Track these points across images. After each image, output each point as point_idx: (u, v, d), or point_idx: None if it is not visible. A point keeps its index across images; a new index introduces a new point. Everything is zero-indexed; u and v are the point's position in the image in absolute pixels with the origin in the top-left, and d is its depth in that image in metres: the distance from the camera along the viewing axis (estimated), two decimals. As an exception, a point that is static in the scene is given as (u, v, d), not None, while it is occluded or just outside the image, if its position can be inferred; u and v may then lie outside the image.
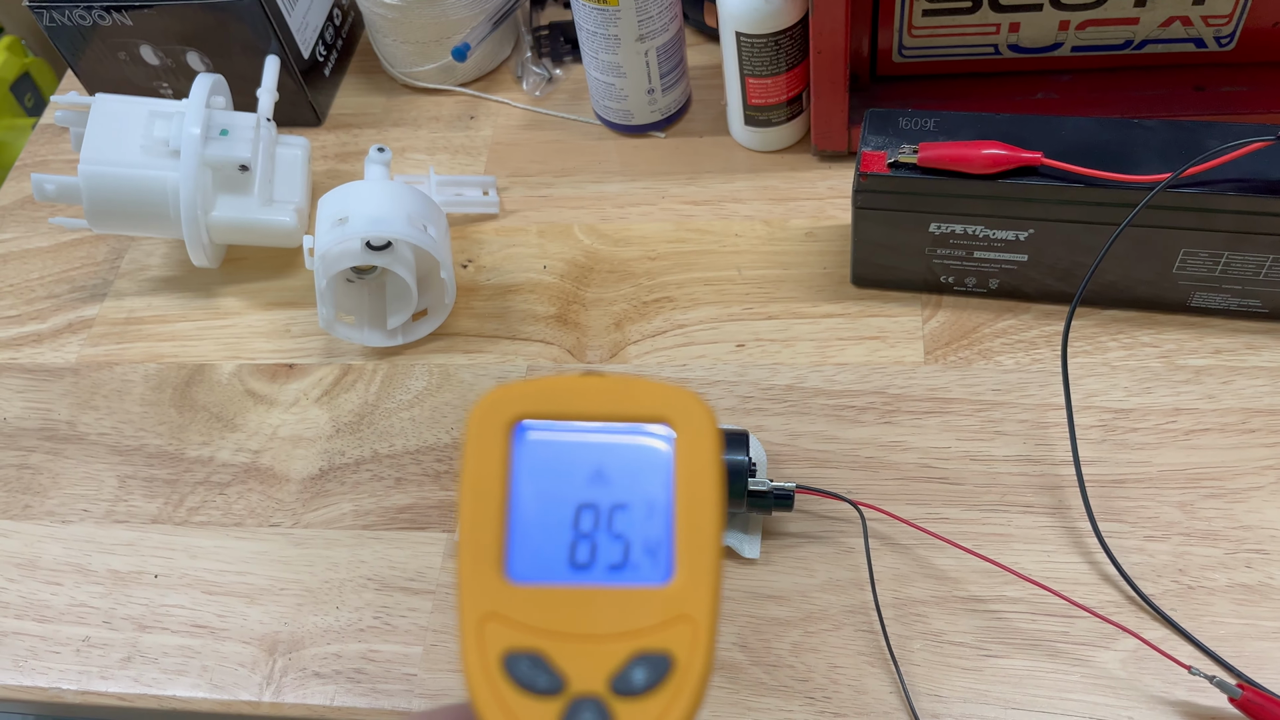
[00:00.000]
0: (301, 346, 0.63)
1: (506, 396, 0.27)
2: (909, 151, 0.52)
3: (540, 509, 0.26)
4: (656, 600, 0.25)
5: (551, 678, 0.24)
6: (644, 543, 0.26)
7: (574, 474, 0.26)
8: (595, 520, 0.26)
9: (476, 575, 0.25)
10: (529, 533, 0.26)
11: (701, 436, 0.26)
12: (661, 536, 0.26)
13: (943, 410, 0.55)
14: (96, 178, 0.59)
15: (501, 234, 0.66)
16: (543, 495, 0.26)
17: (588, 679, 0.24)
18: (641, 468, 0.26)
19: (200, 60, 0.70)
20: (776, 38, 0.60)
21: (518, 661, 0.24)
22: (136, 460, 0.59)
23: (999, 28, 0.60)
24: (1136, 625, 0.47)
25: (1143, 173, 0.49)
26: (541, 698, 0.24)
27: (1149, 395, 0.54)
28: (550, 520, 0.26)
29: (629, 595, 0.25)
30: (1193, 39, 0.60)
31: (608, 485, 0.26)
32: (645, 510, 0.26)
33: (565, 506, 0.26)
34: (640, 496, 0.26)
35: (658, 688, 0.24)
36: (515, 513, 0.26)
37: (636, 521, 0.26)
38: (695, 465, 0.26)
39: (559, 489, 0.26)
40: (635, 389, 0.27)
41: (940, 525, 0.51)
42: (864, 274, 0.59)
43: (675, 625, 0.25)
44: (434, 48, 0.71)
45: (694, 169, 0.67)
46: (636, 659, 0.24)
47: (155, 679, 0.52)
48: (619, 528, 0.26)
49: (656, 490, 0.26)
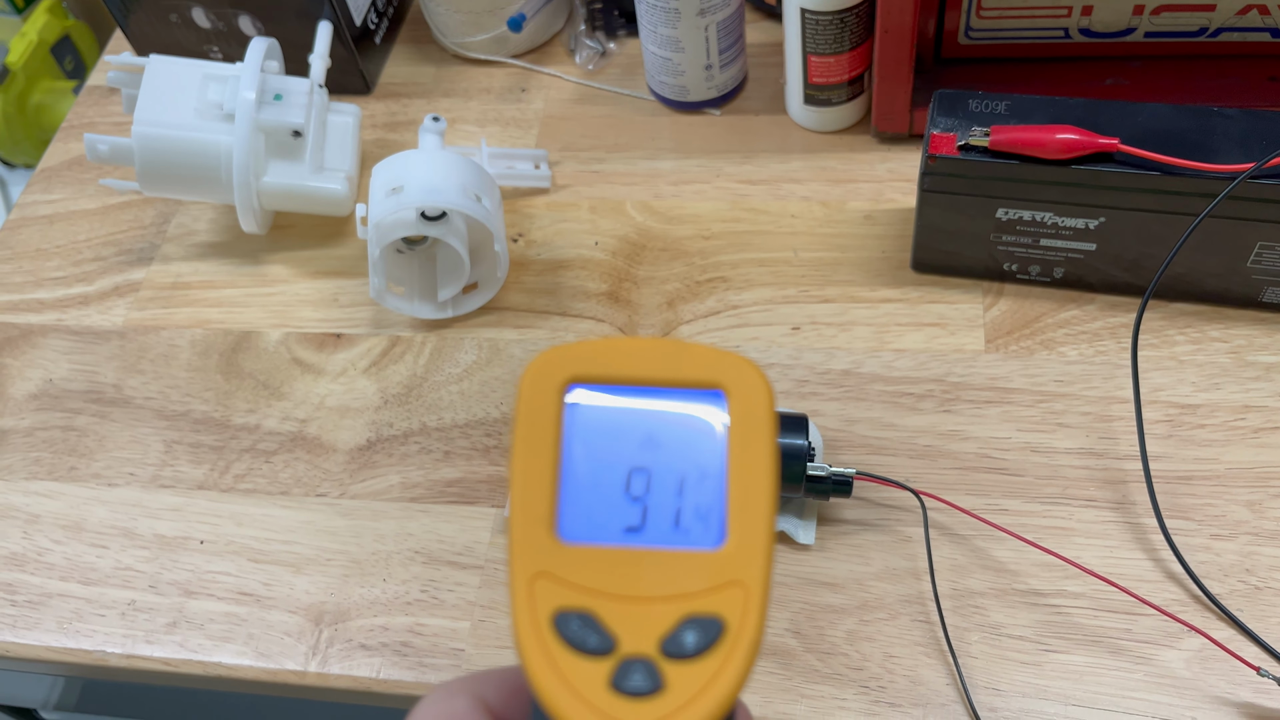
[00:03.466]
0: (349, 316, 0.62)
1: (560, 358, 0.26)
2: (980, 134, 0.51)
3: (592, 471, 0.26)
4: (708, 564, 0.25)
5: (602, 637, 0.24)
6: (696, 507, 0.25)
7: (627, 437, 0.26)
8: (647, 483, 0.26)
9: (528, 534, 0.25)
10: (580, 494, 0.26)
11: (756, 402, 0.26)
12: (714, 501, 0.25)
13: (1003, 400, 0.54)
14: (150, 139, 0.59)
15: (553, 209, 0.65)
16: (595, 457, 0.26)
17: (638, 640, 0.24)
18: (695, 432, 0.26)
19: (253, 24, 0.69)
20: (842, 15, 0.58)
21: (568, 620, 0.24)
22: (183, 425, 0.59)
23: (1071, 10, 0.59)
24: (1202, 624, 0.46)
25: (1222, 162, 0.48)
26: (592, 657, 0.24)
27: (1217, 391, 0.52)
28: (602, 482, 0.26)
29: (680, 558, 0.25)
30: (1269, 28, 0.59)
31: (660, 449, 0.26)
32: (698, 475, 0.26)
33: (617, 469, 0.26)
34: (693, 461, 0.26)
35: (709, 651, 0.24)
36: (567, 474, 0.26)
37: (689, 486, 0.26)
38: (749, 431, 0.26)
39: (611, 451, 0.26)
40: (690, 353, 0.26)
41: (999, 517, 0.50)
42: (925, 259, 0.58)
43: (727, 590, 0.24)
44: (487, 18, 0.70)
45: (749, 148, 0.66)
46: (687, 621, 0.24)
47: (200, 645, 0.51)
48: (671, 491, 0.26)
49: (710, 455, 0.26)
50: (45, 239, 0.69)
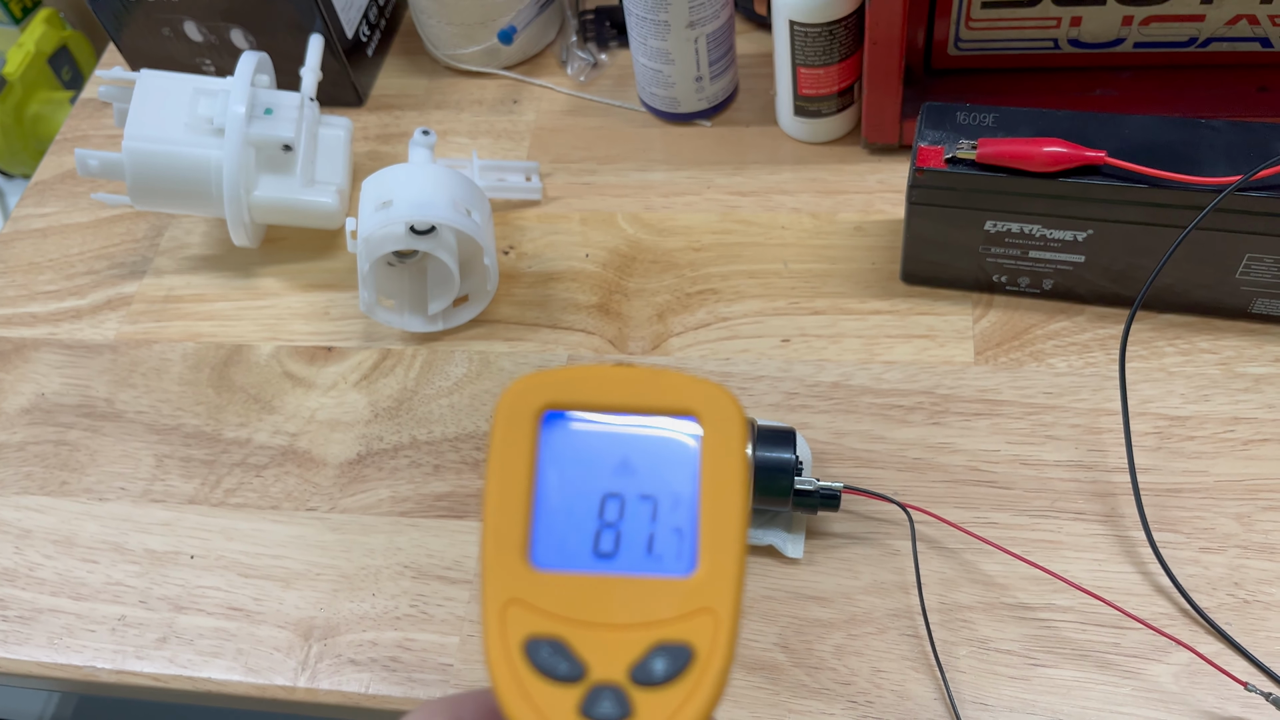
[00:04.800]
0: (340, 329, 0.62)
1: (535, 384, 0.27)
2: (967, 147, 0.51)
3: (566, 497, 0.26)
4: (679, 591, 0.25)
5: (572, 665, 0.24)
6: (668, 534, 0.26)
7: (600, 463, 0.26)
8: (620, 510, 0.26)
9: (500, 561, 0.25)
10: (554, 520, 0.26)
11: (728, 430, 0.26)
12: (685, 528, 0.26)
13: (993, 412, 0.53)
14: (140, 154, 0.59)
15: (543, 221, 0.65)
16: (568, 483, 0.26)
17: (608, 667, 0.24)
18: (668, 459, 0.26)
19: (244, 37, 0.69)
20: (831, 27, 0.58)
21: (539, 647, 0.24)
22: (174, 440, 0.59)
23: (1060, 21, 0.59)
24: (1190, 639, 0.46)
25: (1209, 175, 0.48)
26: (561, 684, 0.24)
27: (1206, 403, 0.52)
28: (575, 508, 0.26)
29: (651, 585, 0.25)
30: (1259, 38, 0.59)
31: (634, 475, 0.26)
32: (670, 502, 0.26)
33: (591, 495, 0.26)
34: (666, 488, 0.26)
35: (678, 679, 0.24)
36: (541, 500, 0.26)
37: (661, 512, 0.26)
38: (721, 458, 0.26)
39: (585, 478, 0.26)
40: (664, 380, 0.27)
41: (988, 530, 0.50)
42: (914, 271, 0.58)
43: (697, 617, 0.25)
44: (479, 30, 0.70)
45: (740, 159, 0.66)
46: (657, 649, 0.24)
47: (190, 660, 0.51)
48: (643, 518, 0.26)
49: (682, 482, 0.26)
50: (38, 252, 0.69)
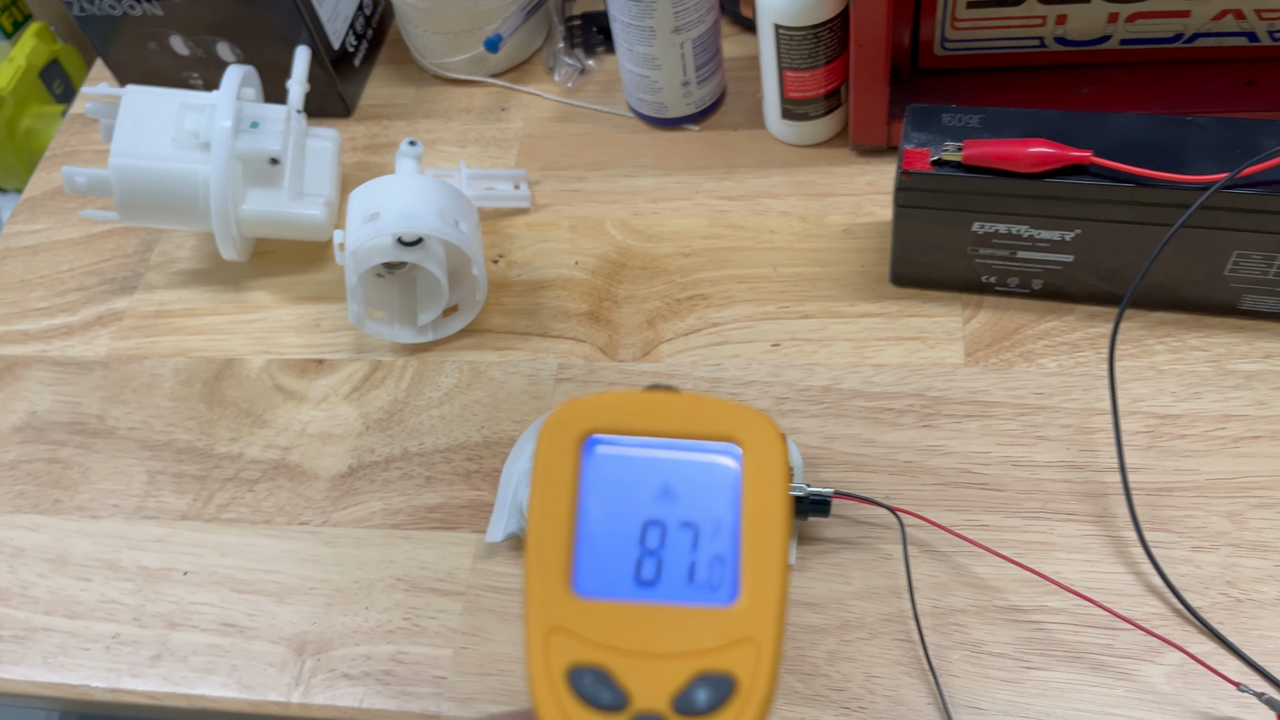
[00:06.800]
0: (331, 341, 0.62)
1: (578, 411, 0.27)
2: (953, 149, 0.51)
3: (608, 524, 0.26)
4: (721, 621, 0.25)
5: (615, 694, 0.24)
6: (709, 562, 0.26)
7: (642, 490, 0.27)
8: (661, 537, 0.26)
9: (544, 588, 0.25)
10: (596, 547, 0.26)
11: (770, 458, 0.26)
12: (727, 557, 0.26)
13: (983, 414, 0.53)
14: (127, 170, 0.59)
15: (533, 229, 0.65)
16: (611, 510, 0.26)
17: (651, 697, 0.24)
18: (709, 486, 0.26)
19: (231, 50, 0.69)
20: (816, 30, 0.58)
21: (582, 676, 0.25)
22: (166, 456, 0.59)
23: (1045, 20, 0.59)
24: (1183, 638, 0.46)
25: (1196, 172, 0.48)
26: (605, 713, 0.24)
27: (1197, 401, 0.52)
28: (617, 535, 0.26)
29: (693, 615, 0.25)
30: (1245, 33, 0.58)
31: (675, 502, 0.26)
32: (711, 529, 0.26)
33: (632, 522, 0.26)
34: (707, 515, 0.26)
35: (720, 709, 0.24)
36: (583, 527, 0.26)
37: (703, 540, 0.26)
38: (763, 486, 0.26)
39: (627, 504, 0.26)
40: (706, 407, 0.27)
41: (980, 533, 0.50)
42: (903, 273, 0.57)
43: (739, 647, 0.25)
44: (465, 38, 0.70)
45: (729, 163, 0.66)
46: (699, 679, 0.24)
47: (184, 677, 0.51)
48: (685, 546, 0.26)
49: (723, 510, 0.26)
50: (29, 269, 0.69)
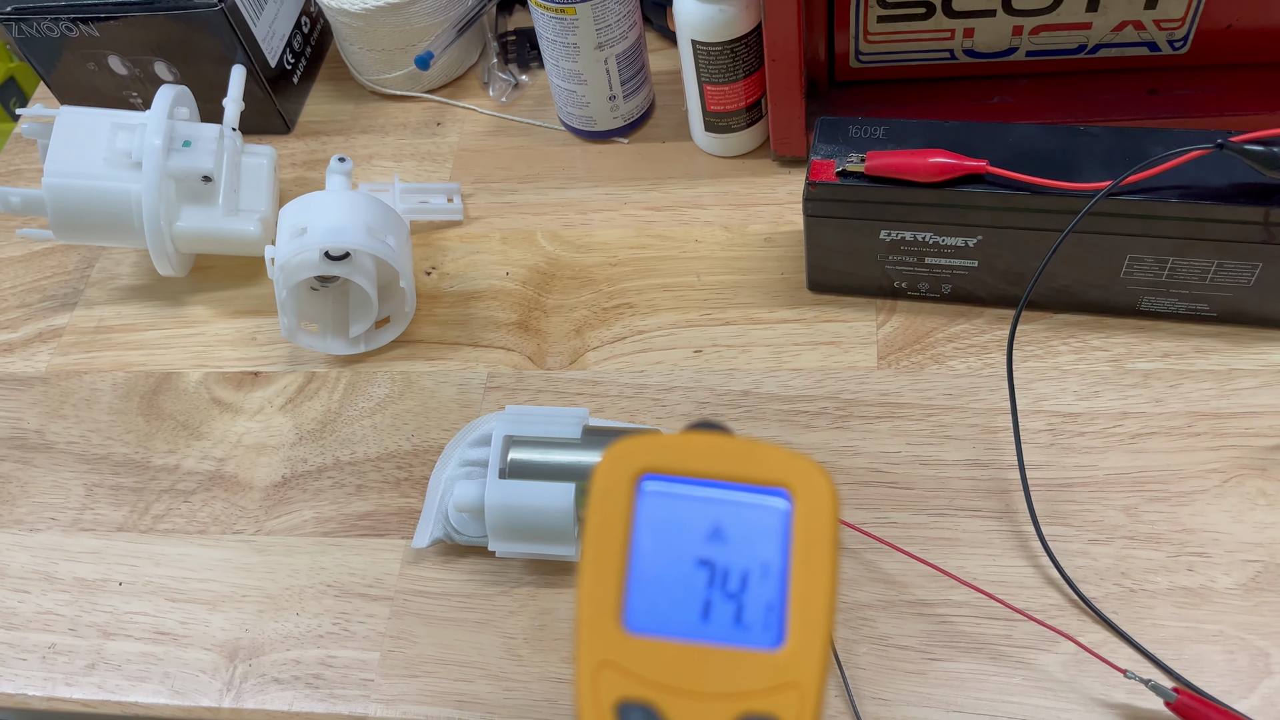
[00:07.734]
0: (267, 354, 0.63)
1: (634, 449, 0.27)
2: (856, 160, 0.52)
3: (660, 562, 0.27)
4: (767, 665, 0.26)
5: None
6: (758, 605, 0.26)
7: (694, 530, 0.27)
8: (711, 577, 0.27)
9: (595, 622, 0.26)
10: (647, 584, 0.27)
11: (821, 504, 0.27)
12: (775, 600, 0.26)
13: (894, 415, 0.55)
14: (60, 190, 0.60)
15: (466, 240, 0.67)
16: (663, 548, 0.27)
17: None
18: (759, 530, 0.27)
19: (169, 70, 0.70)
20: (732, 45, 0.60)
21: (630, 712, 0.25)
22: (103, 469, 0.60)
23: (954, 33, 0.61)
24: (1079, 628, 0.48)
25: (1085, 180, 0.50)
26: None
27: (1097, 399, 0.54)
28: (669, 574, 0.27)
29: (740, 657, 0.26)
30: (1146, 43, 0.61)
31: (725, 544, 0.27)
32: (760, 572, 0.27)
33: (684, 561, 0.27)
34: (756, 558, 0.27)
35: None
36: (635, 564, 0.27)
37: (752, 583, 0.27)
38: (812, 533, 0.27)
39: (679, 543, 0.27)
40: (758, 452, 0.27)
41: (889, 529, 0.52)
42: (819, 280, 0.59)
43: (784, 691, 0.25)
44: (399, 55, 0.72)
45: (657, 174, 0.68)
46: None
47: (118, 686, 0.53)
48: (734, 587, 0.27)
49: (772, 554, 0.27)
50: (-29, 288, 0.70)
